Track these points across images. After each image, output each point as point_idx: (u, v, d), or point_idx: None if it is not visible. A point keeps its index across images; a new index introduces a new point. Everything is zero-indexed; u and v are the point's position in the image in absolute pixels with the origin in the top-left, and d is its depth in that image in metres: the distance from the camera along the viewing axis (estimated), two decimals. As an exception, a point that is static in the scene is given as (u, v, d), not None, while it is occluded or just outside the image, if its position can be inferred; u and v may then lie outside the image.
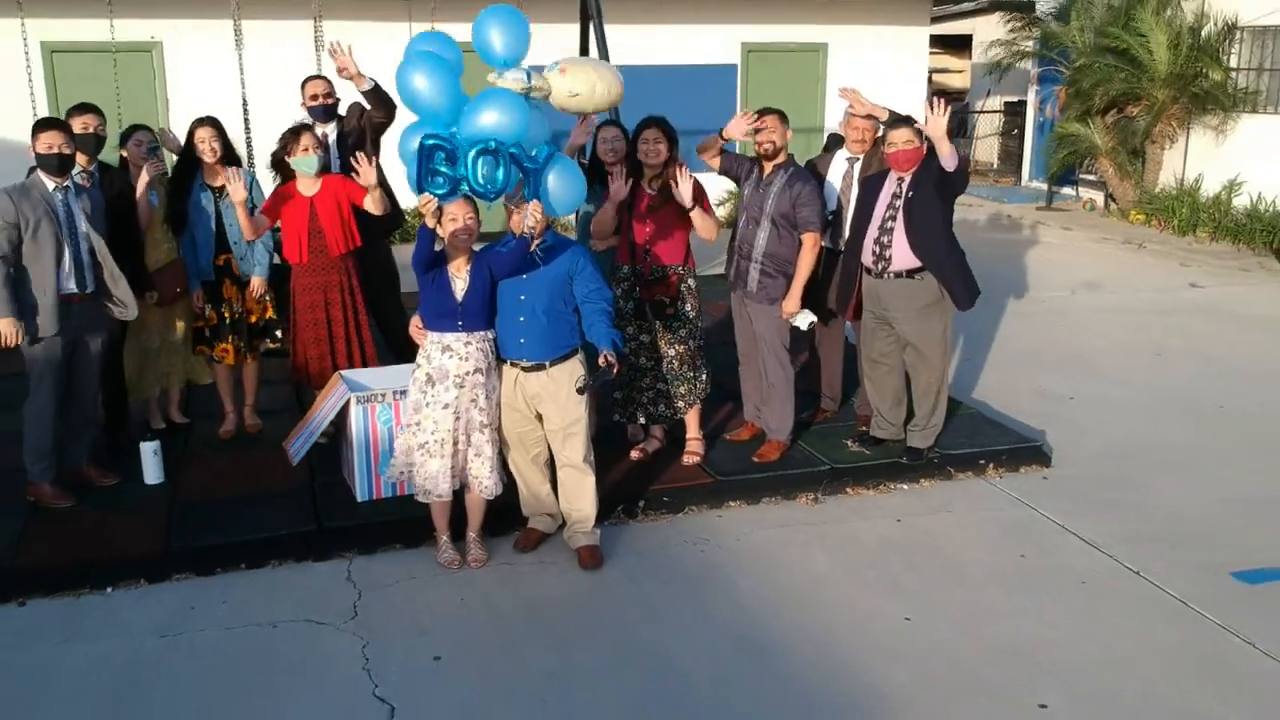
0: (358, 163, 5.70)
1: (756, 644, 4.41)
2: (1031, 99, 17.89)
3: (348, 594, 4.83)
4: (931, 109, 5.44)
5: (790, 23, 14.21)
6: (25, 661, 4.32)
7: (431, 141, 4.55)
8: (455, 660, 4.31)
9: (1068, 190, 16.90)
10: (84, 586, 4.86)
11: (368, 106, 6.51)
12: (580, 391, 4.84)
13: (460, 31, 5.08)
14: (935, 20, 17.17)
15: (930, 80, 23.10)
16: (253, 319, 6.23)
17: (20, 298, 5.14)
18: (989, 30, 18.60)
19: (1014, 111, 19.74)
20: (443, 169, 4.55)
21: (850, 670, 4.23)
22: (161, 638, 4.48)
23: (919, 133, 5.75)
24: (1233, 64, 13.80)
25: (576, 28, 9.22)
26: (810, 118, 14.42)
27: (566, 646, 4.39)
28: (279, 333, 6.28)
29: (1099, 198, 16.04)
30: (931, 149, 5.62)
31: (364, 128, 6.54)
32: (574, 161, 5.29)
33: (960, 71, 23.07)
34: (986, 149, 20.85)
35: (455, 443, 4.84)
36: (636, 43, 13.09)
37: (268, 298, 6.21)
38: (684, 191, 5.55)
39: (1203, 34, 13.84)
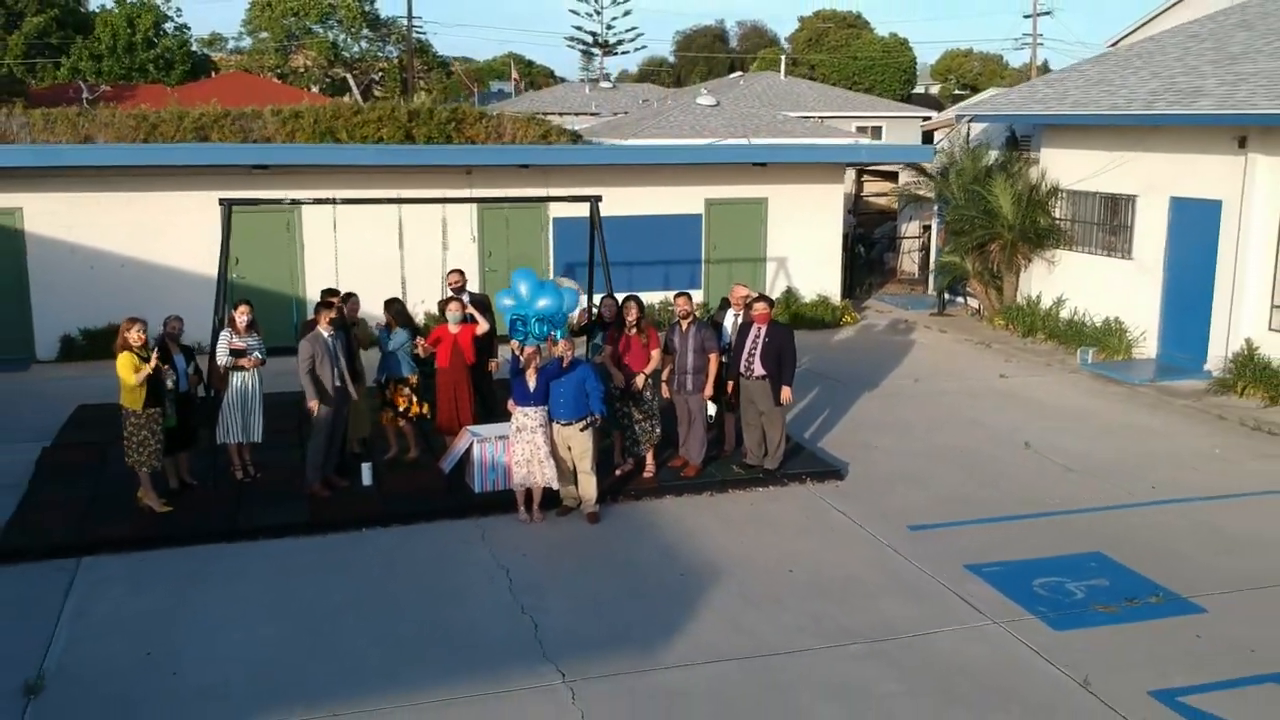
0: (476, 324, 11.07)
1: (673, 552, 9.61)
2: (935, 226, 23.30)
3: (478, 531, 10.04)
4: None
5: (740, 184, 19.67)
6: (356, 554, 9.52)
7: (513, 315, 9.93)
8: (531, 557, 9.50)
9: (960, 299, 22.22)
10: (345, 530, 10.07)
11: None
12: (582, 430, 10.08)
13: (500, 194, 10.48)
14: (864, 171, 22.69)
15: (865, 200, 28.62)
16: (413, 411, 11.47)
17: (318, 389, 10.43)
18: (909, 172, 24.09)
19: (929, 229, 25.12)
20: (520, 328, 9.94)
21: (714, 559, 9.42)
22: (393, 550, 9.69)
23: (770, 303, 11.10)
24: (1057, 215, 19.19)
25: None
26: (754, 250, 19.86)
27: (582, 555, 9.60)
28: (426, 408, 11.55)
29: (976, 305, 21.37)
30: (780, 338, 10.91)
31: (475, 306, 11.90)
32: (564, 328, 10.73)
33: (890, 196, 28.56)
34: (910, 261, 26.24)
35: (530, 461, 10.08)
36: (630, 198, 18.55)
37: (414, 396, 11.43)
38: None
39: (1036, 193, 19.26)
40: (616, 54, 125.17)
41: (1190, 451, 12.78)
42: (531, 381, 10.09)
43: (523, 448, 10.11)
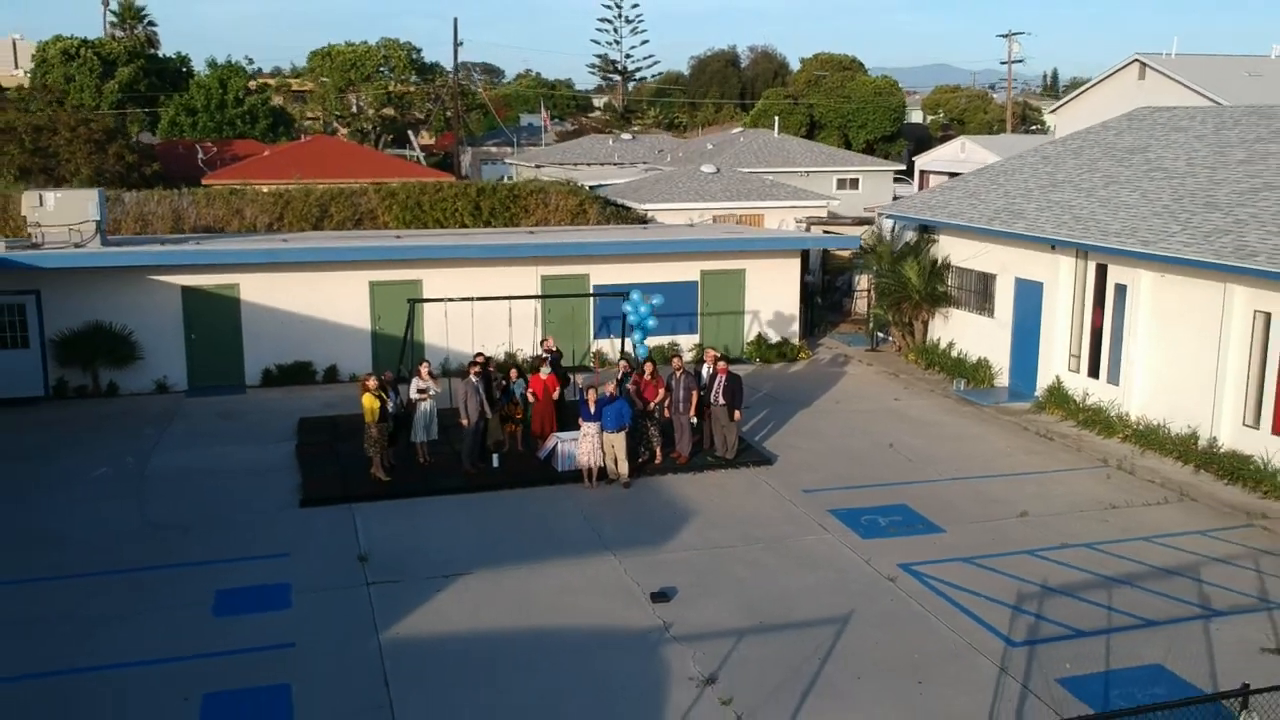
0: (554, 374, 19.16)
1: (670, 503, 17.63)
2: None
3: (563, 492, 18.08)
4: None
5: (726, 260, 27.65)
6: (494, 504, 17.58)
7: (635, 323, 18.14)
8: (596, 506, 17.52)
9: (889, 338, 30.10)
10: (486, 492, 18.11)
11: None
12: (620, 435, 18.12)
13: (558, 271, 18.63)
14: (829, 231, 30.69)
15: (831, 254, 36.34)
16: (518, 414, 19.56)
17: (476, 408, 18.47)
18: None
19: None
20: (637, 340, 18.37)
21: (692, 507, 17.43)
22: (515, 502, 17.72)
23: (728, 361, 19.17)
24: (949, 283, 27.05)
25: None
26: (736, 306, 27.83)
27: (621, 503, 17.63)
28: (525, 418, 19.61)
29: (896, 345, 29.28)
30: (733, 379, 18.96)
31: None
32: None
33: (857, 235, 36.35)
34: (862, 304, 34.11)
35: (590, 453, 18.10)
36: (648, 269, 26.50)
37: (514, 413, 19.49)
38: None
39: (935, 268, 27.14)
40: (634, 80, 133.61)
41: (991, 450, 20.73)
42: (591, 407, 18.10)
43: (586, 445, 18.13)
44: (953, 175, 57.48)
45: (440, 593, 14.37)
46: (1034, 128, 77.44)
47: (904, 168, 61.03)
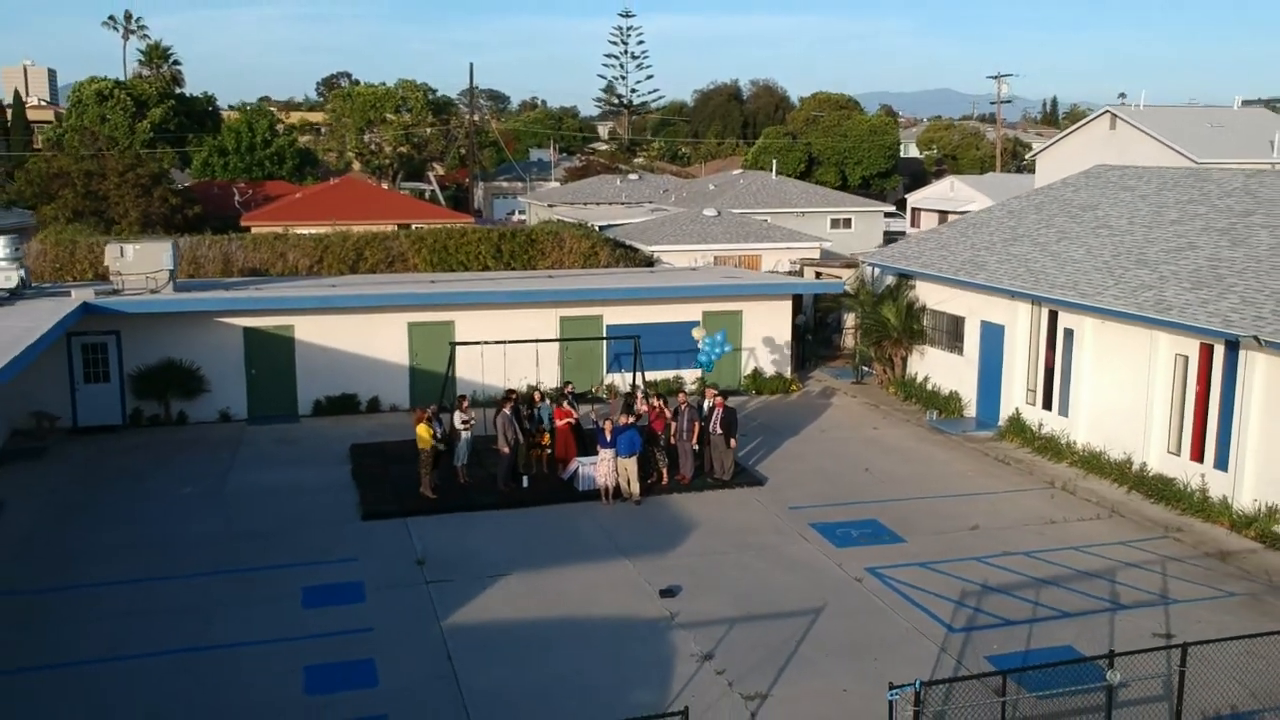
0: (574, 409, 22.37)
1: (675, 517, 20.78)
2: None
3: (583, 508, 21.23)
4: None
5: (725, 302, 30.88)
6: (525, 517, 20.74)
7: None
8: (612, 519, 20.67)
9: (872, 372, 33.25)
10: (518, 508, 21.26)
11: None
12: (632, 459, 21.30)
13: (575, 313, 21.88)
14: (820, 274, 33.92)
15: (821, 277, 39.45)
16: (544, 441, 22.77)
17: (512, 436, 21.67)
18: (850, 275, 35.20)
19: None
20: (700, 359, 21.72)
21: (693, 521, 20.58)
22: (542, 516, 20.87)
23: (724, 395, 22.37)
24: (925, 323, 30.23)
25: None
26: (734, 343, 31.00)
27: (633, 517, 20.78)
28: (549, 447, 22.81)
29: (878, 379, 32.44)
30: (729, 410, 22.17)
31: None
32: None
33: (842, 279, 39.60)
34: (851, 339, 37.27)
35: (607, 475, 21.28)
36: (657, 311, 29.70)
37: (541, 440, 22.70)
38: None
39: (912, 310, 30.32)
40: (640, 114, 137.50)
41: (954, 473, 23.87)
42: (608, 435, 21.26)
43: (603, 468, 21.30)
44: (943, 213, 61.10)
45: (486, 589, 17.52)
46: (1022, 164, 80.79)
47: (895, 207, 64.47)
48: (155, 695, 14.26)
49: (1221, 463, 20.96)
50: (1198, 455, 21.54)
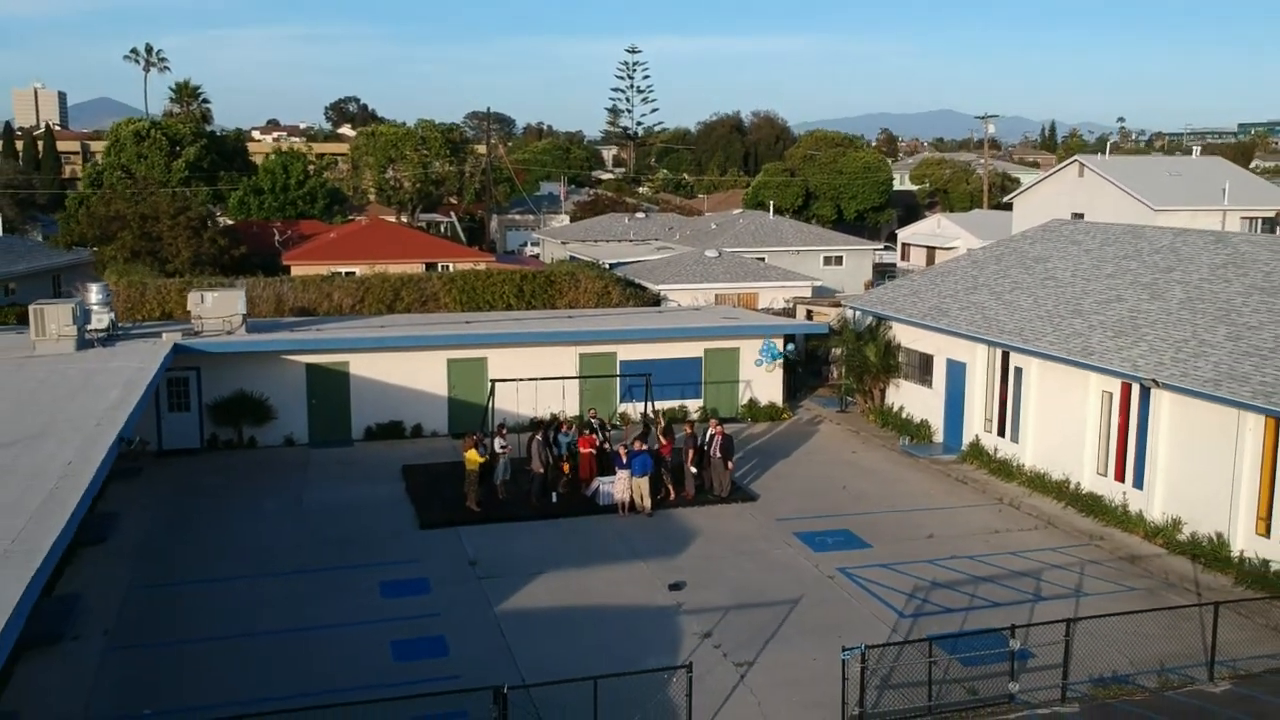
0: (596, 434, 26.57)
1: (681, 527, 24.88)
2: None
3: (604, 520, 25.33)
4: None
5: (723, 340, 35.03)
6: (555, 527, 24.86)
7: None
8: (628, 529, 24.77)
9: (855, 402, 37.33)
10: (549, 519, 25.36)
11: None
12: (645, 479, 25.45)
13: (592, 350, 26.09)
14: (811, 313, 38.11)
15: (811, 317, 43.64)
16: (566, 467, 26.91)
17: (544, 459, 25.82)
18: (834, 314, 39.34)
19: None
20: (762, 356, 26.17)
21: (696, 530, 24.68)
22: (569, 526, 24.98)
23: (721, 422, 26.53)
24: (900, 359, 34.31)
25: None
26: (732, 376, 35.16)
27: (646, 527, 24.89)
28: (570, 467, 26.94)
29: (860, 408, 36.52)
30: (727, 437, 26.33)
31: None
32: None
33: (828, 316, 43.79)
34: (839, 371, 41.37)
35: (624, 492, 25.40)
36: (664, 348, 33.84)
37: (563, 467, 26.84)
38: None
39: (889, 348, 34.42)
40: (645, 146, 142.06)
41: (918, 491, 27.96)
42: (624, 458, 25.40)
43: (620, 486, 25.44)
44: (930, 248, 65.34)
45: (528, 584, 21.62)
46: (1007, 199, 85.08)
47: (888, 241, 68.75)
48: (283, 661, 18.38)
49: (1139, 482, 25.04)
50: (1120, 476, 25.62)
